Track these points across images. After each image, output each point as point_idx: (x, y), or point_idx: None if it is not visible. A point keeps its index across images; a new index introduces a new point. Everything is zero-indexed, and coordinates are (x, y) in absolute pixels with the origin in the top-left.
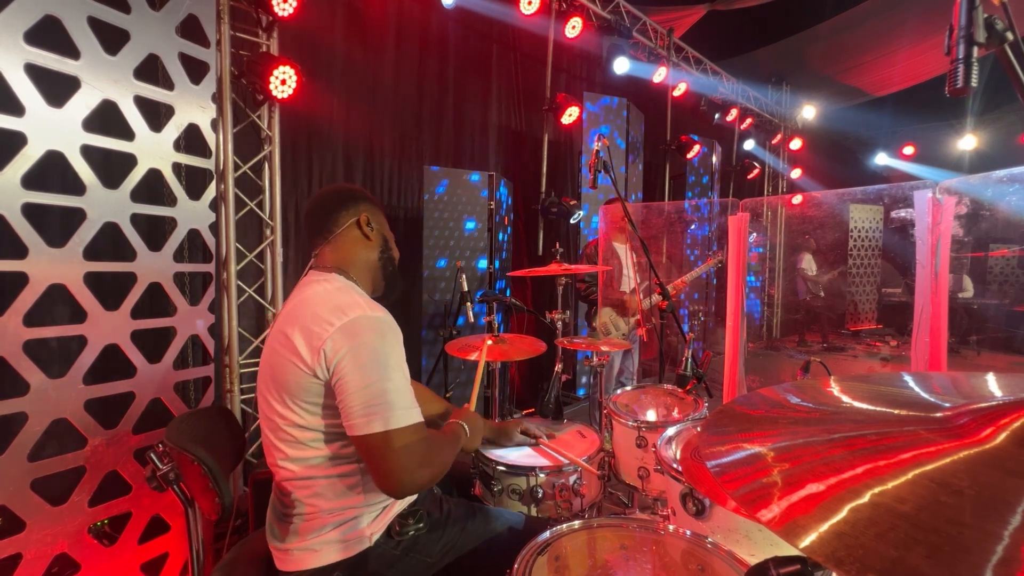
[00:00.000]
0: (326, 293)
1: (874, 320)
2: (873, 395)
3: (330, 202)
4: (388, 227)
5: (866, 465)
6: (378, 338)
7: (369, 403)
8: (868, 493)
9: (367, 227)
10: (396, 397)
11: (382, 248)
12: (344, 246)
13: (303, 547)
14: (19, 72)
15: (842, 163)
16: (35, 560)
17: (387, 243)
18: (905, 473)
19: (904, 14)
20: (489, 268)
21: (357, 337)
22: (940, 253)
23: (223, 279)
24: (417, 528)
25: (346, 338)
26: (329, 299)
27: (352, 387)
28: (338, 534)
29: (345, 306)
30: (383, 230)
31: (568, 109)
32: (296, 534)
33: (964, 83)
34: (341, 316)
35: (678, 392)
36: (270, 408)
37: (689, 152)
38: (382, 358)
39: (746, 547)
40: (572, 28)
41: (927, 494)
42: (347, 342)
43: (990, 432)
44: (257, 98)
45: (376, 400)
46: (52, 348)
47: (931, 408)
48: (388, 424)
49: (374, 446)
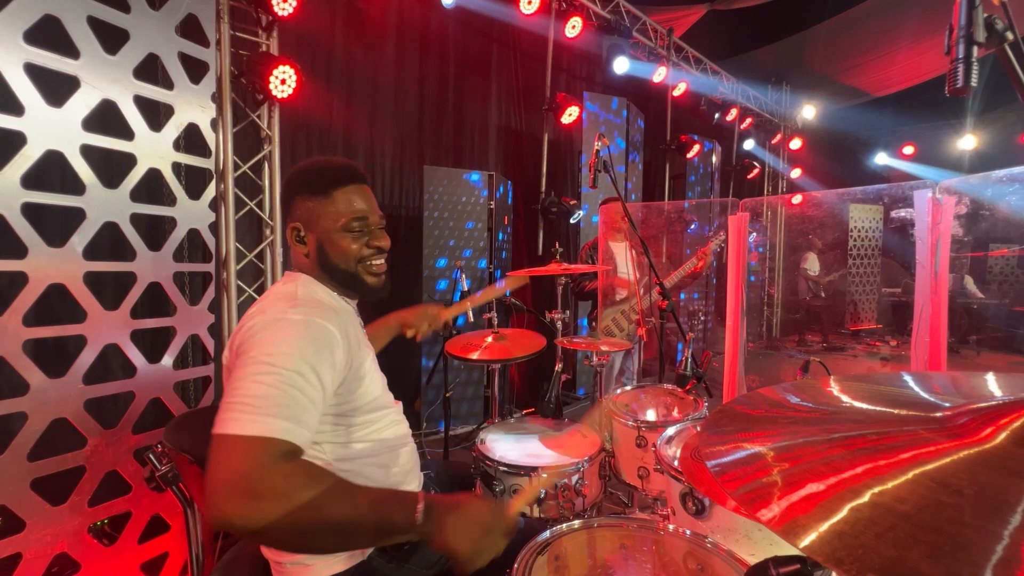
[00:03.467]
0: (268, 295)
1: (874, 320)
2: (873, 395)
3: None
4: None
5: (866, 465)
6: (280, 337)
7: (235, 399)
8: (868, 493)
9: (296, 242)
10: (256, 398)
11: (319, 258)
12: (295, 256)
13: (295, 561)
14: (19, 72)
15: (842, 163)
16: (35, 560)
17: (323, 249)
18: (905, 473)
19: (904, 14)
20: (489, 268)
21: (260, 334)
22: (940, 253)
23: (223, 279)
24: (411, 542)
25: (250, 336)
26: (263, 302)
27: (234, 382)
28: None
29: (269, 308)
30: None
31: (568, 109)
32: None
33: (964, 83)
34: (255, 317)
35: (678, 392)
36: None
37: (689, 152)
38: (270, 357)
39: (746, 547)
40: (572, 28)
41: (927, 494)
42: (249, 340)
43: (990, 432)
44: (257, 98)
45: (231, 396)
46: (52, 348)
47: (931, 408)
48: (224, 426)
49: (216, 448)
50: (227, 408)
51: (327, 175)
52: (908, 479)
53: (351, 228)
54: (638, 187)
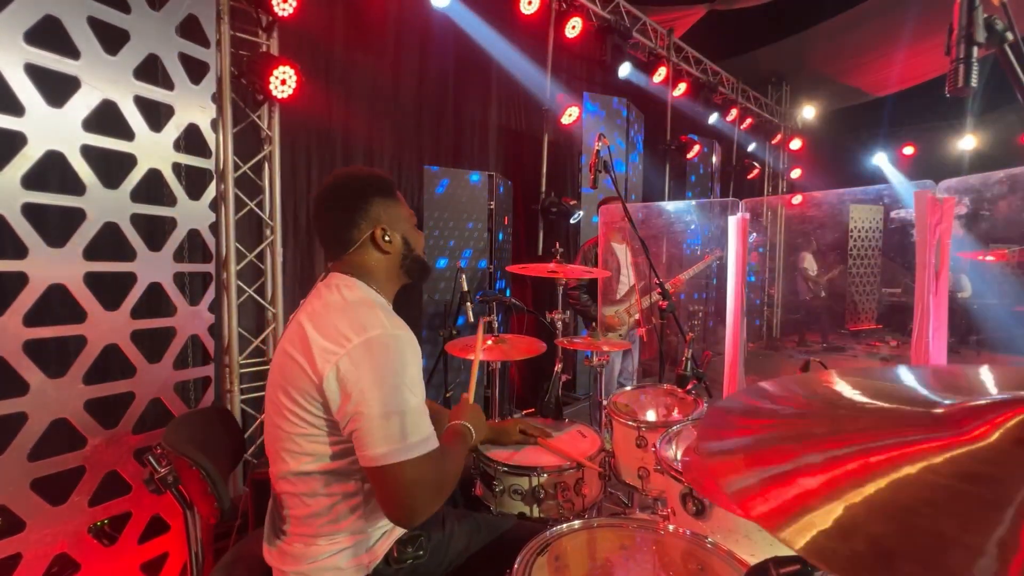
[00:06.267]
0: (347, 303)
1: (874, 320)
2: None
3: (340, 215)
4: (406, 212)
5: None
6: (397, 360)
7: (386, 434)
8: (862, 494)
9: (383, 241)
10: (413, 426)
11: (404, 253)
12: (362, 261)
13: (298, 571)
14: (19, 72)
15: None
16: (35, 560)
17: (408, 244)
18: (899, 472)
19: (904, 14)
20: (489, 268)
21: (376, 359)
22: (940, 253)
23: (223, 279)
24: (416, 556)
25: (364, 360)
26: (350, 310)
27: (367, 414)
28: (334, 561)
29: (365, 320)
30: (401, 228)
31: (568, 109)
32: (291, 556)
33: (964, 83)
34: (360, 333)
35: (678, 392)
36: (279, 414)
37: (689, 152)
38: (399, 382)
39: (746, 547)
40: (572, 28)
41: (921, 495)
42: (365, 363)
43: (986, 429)
44: (257, 98)
45: (391, 430)
46: (52, 348)
47: (928, 405)
48: (403, 455)
49: (388, 478)
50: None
51: (385, 180)
52: (904, 477)
53: (415, 224)
54: (638, 187)
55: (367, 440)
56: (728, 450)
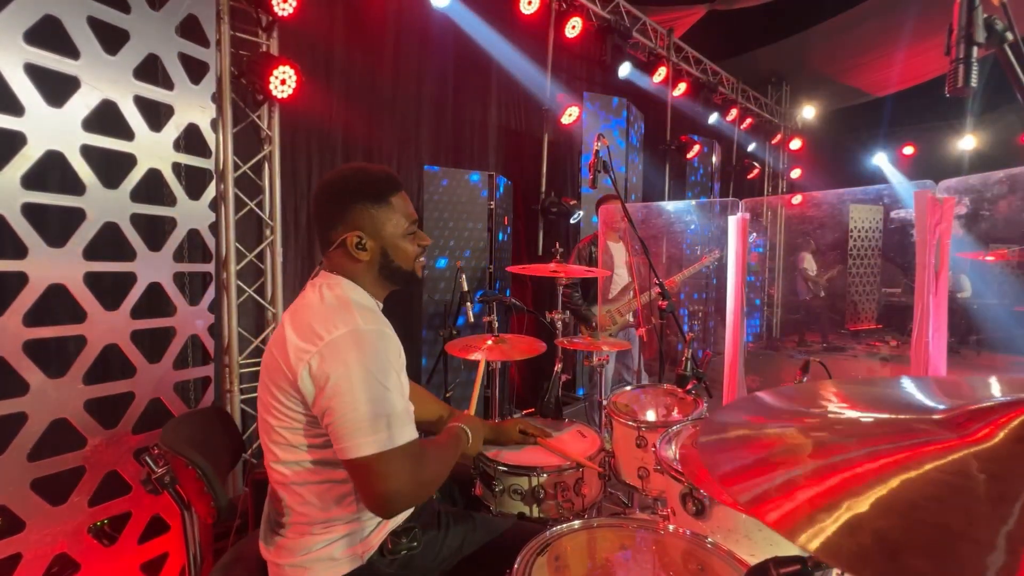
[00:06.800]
0: (324, 301)
1: (874, 320)
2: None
3: (324, 213)
4: (397, 218)
5: (866, 465)
6: (369, 354)
7: (356, 427)
8: (868, 493)
9: (355, 248)
10: (385, 418)
11: (381, 264)
12: (340, 262)
13: (293, 563)
14: (19, 72)
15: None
16: (35, 560)
17: (387, 255)
18: (905, 472)
19: (904, 14)
20: (489, 268)
21: (345, 354)
22: (940, 253)
23: (223, 279)
24: (410, 548)
25: (333, 356)
26: (324, 309)
27: (340, 409)
28: (329, 552)
29: (337, 319)
30: (383, 236)
31: (568, 109)
32: (286, 549)
33: (964, 83)
34: (331, 330)
35: (678, 392)
36: (265, 409)
37: (689, 152)
38: (370, 376)
39: (746, 547)
40: (572, 28)
41: (927, 493)
42: (334, 360)
43: (989, 430)
44: (257, 98)
45: (362, 423)
46: (52, 348)
47: (930, 409)
48: (376, 447)
49: (360, 469)
50: (372, 429)
51: (381, 183)
52: (908, 479)
53: (410, 232)
54: (638, 188)
55: (340, 432)
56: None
